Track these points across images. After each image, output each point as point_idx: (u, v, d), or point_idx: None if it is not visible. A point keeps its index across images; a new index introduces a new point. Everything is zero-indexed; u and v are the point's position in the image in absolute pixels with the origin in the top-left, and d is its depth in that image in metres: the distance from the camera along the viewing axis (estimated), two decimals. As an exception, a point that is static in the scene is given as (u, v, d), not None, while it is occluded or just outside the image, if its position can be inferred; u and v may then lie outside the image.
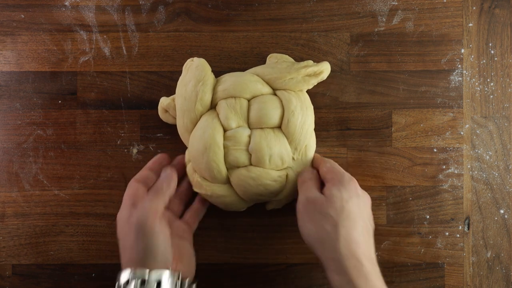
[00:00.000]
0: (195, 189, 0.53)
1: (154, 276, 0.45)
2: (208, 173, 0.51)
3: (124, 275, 0.45)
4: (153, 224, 0.46)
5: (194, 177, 0.53)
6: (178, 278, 0.47)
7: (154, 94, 0.57)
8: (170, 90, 0.57)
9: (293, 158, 0.53)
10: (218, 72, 0.57)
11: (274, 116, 0.51)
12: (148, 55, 0.57)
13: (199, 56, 0.57)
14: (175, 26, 0.57)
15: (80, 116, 0.57)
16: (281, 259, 0.57)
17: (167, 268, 0.46)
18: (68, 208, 0.57)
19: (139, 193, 0.49)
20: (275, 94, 0.53)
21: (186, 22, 0.57)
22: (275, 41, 0.57)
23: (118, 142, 0.57)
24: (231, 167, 0.52)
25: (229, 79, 0.53)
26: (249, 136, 0.51)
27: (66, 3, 0.57)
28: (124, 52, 0.57)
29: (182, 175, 0.54)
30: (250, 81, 0.52)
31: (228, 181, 0.52)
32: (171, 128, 0.55)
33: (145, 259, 0.46)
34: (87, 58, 0.57)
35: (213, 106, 0.53)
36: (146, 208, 0.47)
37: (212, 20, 0.57)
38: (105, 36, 0.57)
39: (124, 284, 0.45)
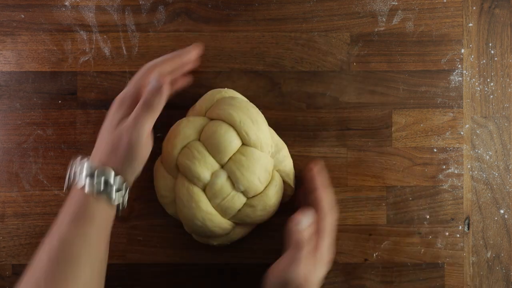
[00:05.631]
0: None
1: (117, 181, 0.46)
2: (217, 235, 0.52)
3: (89, 166, 0.46)
4: (141, 145, 0.47)
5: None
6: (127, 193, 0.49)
7: (154, 94, 0.57)
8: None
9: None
10: (218, 72, 0.57)
11: (232, 144, 0.50)
12: (148, 55, 0.57)
13: (199, 56, 0.57)
14: (175, 26, 0.57)
15: (80, 116, 0.57)
16: (281, 259, 0.57)
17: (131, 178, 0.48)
18: (68, 208, 0.57)
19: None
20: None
21: (186, 22, 0.57)
22: (275, 41, 0.57)
23: (118, 142, 0.57)
24: (232, 216, 0.51)
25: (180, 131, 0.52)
26: (228, 177, 0.50)
27: (66, 3, 0.57)
28: (124, 52, 0.57)
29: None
30: (183, 128, 0.51)
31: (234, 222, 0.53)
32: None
33: (118, 166, 0.46)
34: (87, 58, 0.57)
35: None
36: (140, 126, 0.46)
37: (212, 20, 0.57)
38: (105, 36, 0.57)
39: (85, 176, 0.46)
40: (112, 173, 0.46)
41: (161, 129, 0.54)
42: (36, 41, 0.57)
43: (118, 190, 0.47)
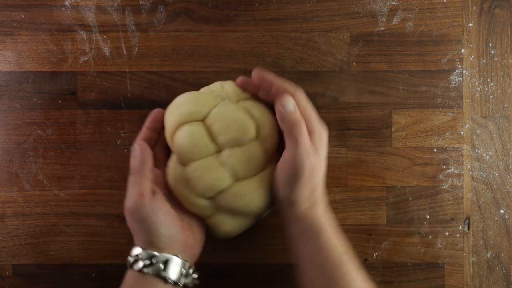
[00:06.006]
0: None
1: (161, 258, 0.45)
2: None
3: (135, 251, 0.46)
4: (143, 208, 0.45)
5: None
6: (185, 266, 0.47)
7: (154, 94, 0.57)
8: (170, 90, 0.57)
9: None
10: (218, 72, 0.57)
11: (197, 132, 0.48)
12: (148, 55, 0.57)
13: (199, 56, 0.57)
14: (175, 26, 0.57)
15: (80, 116, 0.57)
16: (281, 259, 0.57)
17: (175, 247, 0.46)
18: (68, 208, 0.57)
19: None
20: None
21: (186, 22, 0.57)
22: (275, 41, 0.57)
23: (118, 142, 0.57)
24: (261, 162, 0.48)
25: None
26: (230, 153, 0.47)
27: (66, 3, 0.57)
28: (124, 52, 0.57)
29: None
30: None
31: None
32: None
33: (151, 241, 0.46)
34: (87, 58, 0.57)
35: None
36: (132, 195, 0.46)
37: (212, 20, 0.57)
38: (105, 36, 0.57)
39: (134, 261, 0.46)
40: (154, 251, 0.45)
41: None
42: (36, 41, 0.57)
43: (165, 264, 0.45)
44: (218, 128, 0.47)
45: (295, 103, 0.46)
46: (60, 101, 0.57)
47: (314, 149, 0.46)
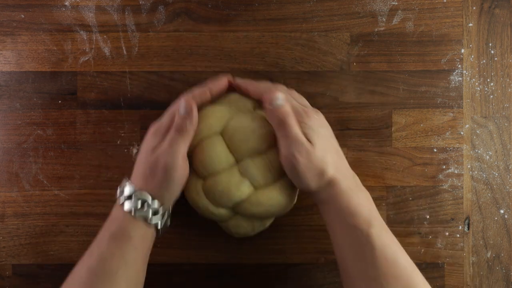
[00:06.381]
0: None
1: (153, 206, 0.47)
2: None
3: (128, 189, 0.47)
4: (180, 170, 0.47)
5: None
6: (168, 215, 0.49)
7: (154, 94, 0.57)
8: (170, 90, 0.57)
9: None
10: (218, 72, 0.57)
11: (219, 152, 0.49)
12: (148, 55, 0.57)
13: (199, 56, 0.57)
14: (175, 26, 0.57)
15: (80, 116, 0.57)
16: (281, 259, 0.57)
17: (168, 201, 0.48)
18: (68, 208, 0.57)
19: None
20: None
21: (186, 22, 0.57)
22: (275, 41, 0.57)
23: (118, 142, 0.57)
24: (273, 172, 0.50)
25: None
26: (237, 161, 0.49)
27: (66, 3, 0.57)
28: (124, 52, 0.57)
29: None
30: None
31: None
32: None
33: (156, 189, 0.47)
34: (87, 58, 0.57)
35: None
36: (177, 153, 0.47)
37: (212, 20, 0.57)
38: (105, 36, 0.57)
39: (125, 197, 0.47)
40: (149, 197, 0.47)
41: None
42: (36, 41, 0.57)
43: (155, 213, 0.47)
44: (236, 140, 0.49)
45: (284, 97, 0.47)
46: (60, 101, 0.57)
47: (305, 139, 0.46)
